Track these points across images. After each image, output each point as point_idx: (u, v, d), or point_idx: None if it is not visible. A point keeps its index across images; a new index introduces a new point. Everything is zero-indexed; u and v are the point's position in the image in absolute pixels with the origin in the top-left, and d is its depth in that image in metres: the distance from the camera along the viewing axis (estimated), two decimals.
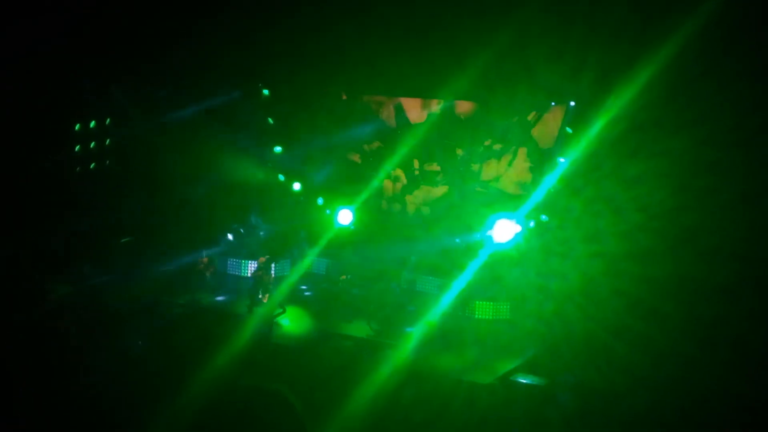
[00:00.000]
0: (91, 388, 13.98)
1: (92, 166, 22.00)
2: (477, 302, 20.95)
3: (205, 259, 22.86)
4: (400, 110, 23.09)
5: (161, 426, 11.19)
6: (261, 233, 24.18)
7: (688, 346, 16.28)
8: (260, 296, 21.99)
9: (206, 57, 21.71)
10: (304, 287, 23.69)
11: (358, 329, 20.67)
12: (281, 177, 24.13)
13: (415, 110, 23.06)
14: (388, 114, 23.39)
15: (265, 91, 23.23)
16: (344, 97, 23.50)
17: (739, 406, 15.06)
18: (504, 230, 21.20)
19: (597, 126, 18.50)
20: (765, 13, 15.33)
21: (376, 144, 23.77)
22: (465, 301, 20.82)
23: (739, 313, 16.01)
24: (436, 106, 22.56)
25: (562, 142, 20.92)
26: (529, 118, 21.69)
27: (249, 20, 20.02)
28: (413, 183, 23.73)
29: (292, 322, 20.63)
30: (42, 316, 17.92)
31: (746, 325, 15.91)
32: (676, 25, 15.79)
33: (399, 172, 23.73)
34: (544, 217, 21.23)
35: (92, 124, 21.57)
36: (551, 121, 21.46)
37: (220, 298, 22.44)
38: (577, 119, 19.94)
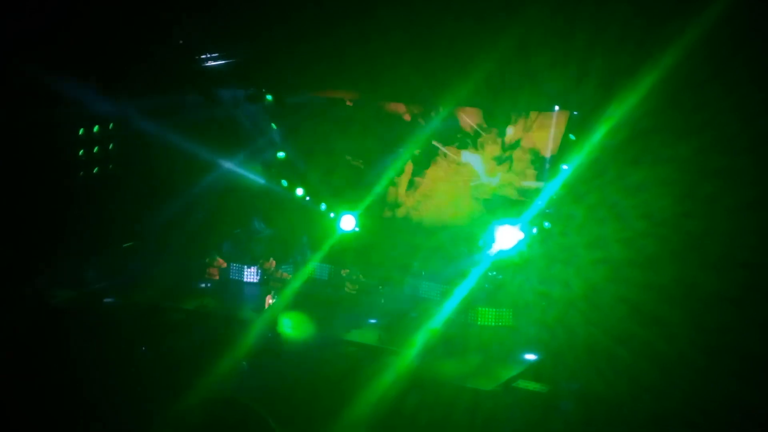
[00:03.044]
0: (92, 394, 13.96)
1: (95, 170, 21.94)
2: (480, 309, 20.91)
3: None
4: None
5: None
6: (263, 238, 24.15)
7: (693, 354, 16.14)
8: (264, 301, 21.93)
9: (207, 60, 21.70)
10: None
11: (362, 335, 20.62)
12: (284, 182, 24.08)
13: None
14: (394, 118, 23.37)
15: (269, 97, 23.16)
16: (349, 103, 23.47)
17: (745, 416, 14.97)
18: (507, 237, 21.21)
19: (600, 132, 18.42)
20: None
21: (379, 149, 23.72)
22: (468, 307, 20.77)
23: (745, 322, 15.85)
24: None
25: (565, 148, 20.87)
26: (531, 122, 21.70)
27: (248, 22, 19.96)
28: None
29: (295, 327, 20.57)
30: (43, 320, 17.88)
31: (753, 334, 15.77)
32: (681, 29, 15.67)
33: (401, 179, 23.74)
34: (547, 224, 21.21)
35: (96, 128, 21.51)
36: (554, 128, 21.42)
37: (223, 303, 22.30)
38: (581, 126, 19.89)
